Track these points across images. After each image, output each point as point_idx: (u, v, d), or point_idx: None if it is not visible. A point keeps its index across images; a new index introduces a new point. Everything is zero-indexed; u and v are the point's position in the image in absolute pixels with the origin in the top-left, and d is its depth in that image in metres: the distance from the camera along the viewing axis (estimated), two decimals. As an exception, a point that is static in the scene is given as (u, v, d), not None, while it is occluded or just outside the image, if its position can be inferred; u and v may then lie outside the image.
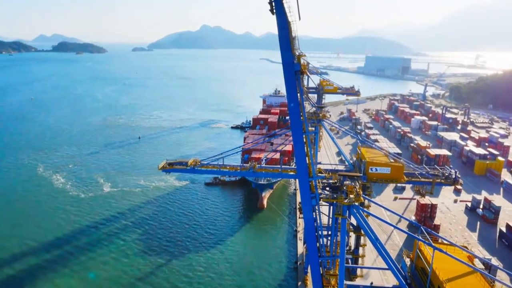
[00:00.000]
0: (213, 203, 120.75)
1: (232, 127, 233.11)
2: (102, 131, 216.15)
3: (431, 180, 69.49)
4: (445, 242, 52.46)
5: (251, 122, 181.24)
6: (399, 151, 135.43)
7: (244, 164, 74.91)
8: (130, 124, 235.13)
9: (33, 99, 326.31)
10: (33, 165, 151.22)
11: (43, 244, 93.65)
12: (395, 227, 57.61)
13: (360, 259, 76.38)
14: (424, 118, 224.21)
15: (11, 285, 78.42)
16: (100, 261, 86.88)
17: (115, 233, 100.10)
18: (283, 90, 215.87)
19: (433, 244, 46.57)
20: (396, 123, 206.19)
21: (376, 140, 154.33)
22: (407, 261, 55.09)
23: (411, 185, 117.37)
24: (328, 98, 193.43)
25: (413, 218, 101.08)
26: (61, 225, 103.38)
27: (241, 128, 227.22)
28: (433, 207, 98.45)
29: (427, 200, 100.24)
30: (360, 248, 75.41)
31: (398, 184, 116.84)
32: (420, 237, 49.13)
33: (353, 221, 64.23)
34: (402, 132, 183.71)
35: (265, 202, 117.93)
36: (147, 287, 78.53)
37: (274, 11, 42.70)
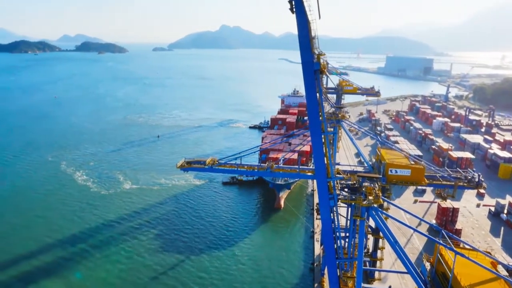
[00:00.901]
0: (230, 202, 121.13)
1: (250, 127, 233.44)
2: (122, 129, 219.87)
3: (453, 183, 67.72)
4: (467, 247, 51.07)
5: (269, 122, 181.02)
6: (420, 153, 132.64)
7: (262, 164, 74.75)
8: (150, 123, 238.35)
9: (56, 98, 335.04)
10: (56, 162, 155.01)
11: (62, 239, 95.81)
12: (415, 230, 56.50)
13: (378, 262, 75.16)
14: (447, 119, 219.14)
15: (28, 278, 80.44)
16: (116, 258, 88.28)
17: (133, 230, 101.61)
18: (302, 90, 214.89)
19: (454, 248, 45.38)
20: (417, 125, 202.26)
21: (396, 142, 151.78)
22: (427, 265, 53.86)
23: (432, 188, 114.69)
24: (347, 99, 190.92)
25: (433, 221, 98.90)
26: (80, 221, 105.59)
27: (259, 128, 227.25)
28: (455, 211, 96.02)
29: (448, 203, 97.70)
30: (379, 251, 74.14)
31: (419, 187, 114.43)
32: (441, 241, 47.93)
33: (372, 223, 63.33)
34: (423, 134, 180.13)
35: (282, 202, 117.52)
36: (161, 286, 79.25)
37: (294, 10, 42.33)
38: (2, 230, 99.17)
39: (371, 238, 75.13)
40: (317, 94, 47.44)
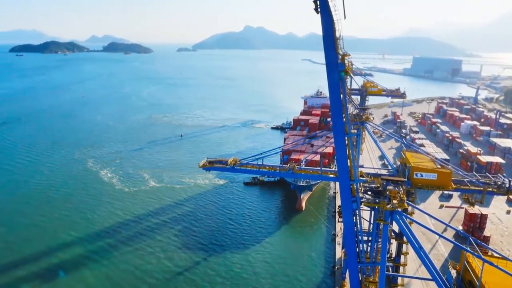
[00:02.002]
0: (251, 202, 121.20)
1: (272, 128, 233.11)
2: (147, 128, 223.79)
3: (481, 188, 65.36)
4: (496, 255, 49.24)
5: (292, 123, 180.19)
6: (447, 157, 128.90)
7: (284, 165, 74.38)
8: (173, 123, 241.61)
9: (84, 97, 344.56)
10: (83, 159, 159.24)
11: (82, 236, 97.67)
12: (440, 236, 54.84)
13: (401, 268, 73.37)
14: (475, 123, 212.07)
15: (44, 275, 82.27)
16: (137, 255, 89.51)
17: (154, 228, 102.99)
18: (325, 91, 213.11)
19: (482, 256, 43.78)
20: (444, 128, 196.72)
21: (422, 145, 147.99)
22: (453, 273, 52.17)
23: (459, 193, 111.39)
24: (371, 100, 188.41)
25: (460, 228, 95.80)
26: (101, 218, 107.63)
27: (281, 128, 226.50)
28: (483, 217, 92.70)
29: (476, 209, 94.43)
30: (402, 256, 72.36)
31: (445, 192, 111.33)
32: (468, 248, 46.34)
33: (395, 227, 61.91)
34: (450, 137, 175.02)
35: (303, 204, 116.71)
36: (180, 283, 79.89)
37: (319, 9, 41.88)
38: (24, 225, 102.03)
39: (394, 243, 73.46)
40: (341, 95, 46.80)
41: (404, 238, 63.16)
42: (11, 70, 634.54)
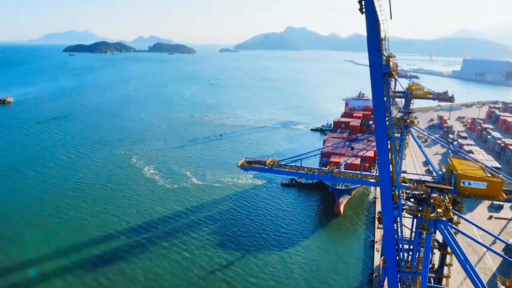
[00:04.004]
0: (288, 204, 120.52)
1: (312, 129, 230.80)
2: (187, 127, 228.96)
3: (537, 200, 60.92)
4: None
5: (332, 125, 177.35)
6: (498, 165, 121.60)
7: (322, 168, 73.24)
8: (214, 122, 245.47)
9: (129, 95, 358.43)
10: (127, 156, 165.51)
11: (126, 229, 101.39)
12: (488, 248, 51.82)
13: (444, 280, 70.01)
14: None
15: (94, 265, 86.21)
16: (173, 251, 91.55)
17: (191, 225, 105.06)
18: (367, 93, 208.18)
19: (536, 273, 40.76)
20: (496, 134, 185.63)
21: (470, 151, 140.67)
22: (502, 289, 49.08)
23: (510, 204, 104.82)
24: (417, 104, 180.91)
25: (511, 241, 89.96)
26: (144, 213, 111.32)
27: (321, 130, 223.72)
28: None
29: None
30: (445, 268, 69.08)
31: (495, 202, 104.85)
32: (520, 264, 43.33)
33: (439, 236, 59.15)
34: (502, 144, 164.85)
35: (341, 208, 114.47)
36: (214, 281, 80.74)
37: (364, 10, 40.81)
38: (70, 217, 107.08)
39: (437, 253, 70.28)
40: (385, 98, 45.35)
41: (448, 249, 60.24)
42: (63, 69, 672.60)
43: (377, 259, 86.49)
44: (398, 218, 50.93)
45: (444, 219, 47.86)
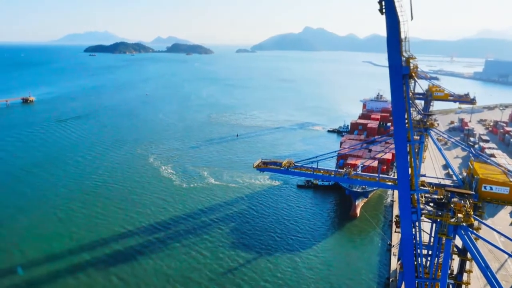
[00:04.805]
0: (304, 206, 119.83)
1: (328, 131, 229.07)
2: (204, 127, 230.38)
3: (562, 206, 58.92)
4: None
5: (349, 127, 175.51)
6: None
7: (339, 170, 72.48)
8: (230, 122, 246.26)
9: (147, 95, 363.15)
10: (145, 155, 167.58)
11: (139, 229, 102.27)
12: (510, 255, 50.15)
13: (463, 286, 68.30)
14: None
15: (105, 264, 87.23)
16: (184, 251, 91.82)
17: (204, 226, 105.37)
18: (386, 95, 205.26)
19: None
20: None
21: (492, 155, 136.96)
22: (525, 297, 47.52)
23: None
24: (436, 106, 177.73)
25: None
26: (158, 212, 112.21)
27: (338, 132, 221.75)
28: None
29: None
30: (465, 274, 67.33)
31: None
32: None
33: (458, 242, 57.73)
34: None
35: (358, 210, 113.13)
36: (224, 283, 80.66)
37: (384, 10, 40.14)
38: (84, 216, 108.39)
39: (456, 259, 68.60)
40: (404, 100, 44.51)
41: (468, 255, 58.69)
42: (84, 69, 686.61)
43: (394, 264, 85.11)
44: (417, 223, 49.92)
45: (464, 224, 46.64)
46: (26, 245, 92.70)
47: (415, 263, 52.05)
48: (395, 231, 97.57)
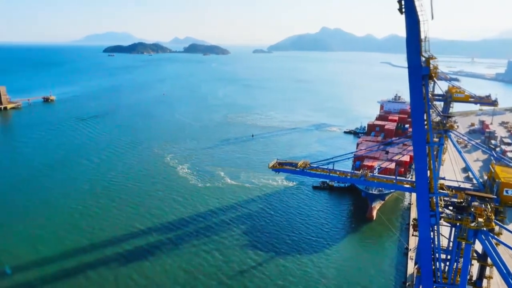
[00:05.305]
0: (319, 207, 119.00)
1: (345, 132, 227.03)
2: (221, 127, 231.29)
3: None
4: None
5: (366, 128, 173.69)
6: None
7: (355, 171, 71.67)
8: (246, 123, 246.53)
9: (164, 95, 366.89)
10: (161, 154, 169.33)
11: (151, 228, 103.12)
12: (534, 262, 48.62)
13: (483, 293, 66.61)
14: None
15: (116, 262, 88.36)
16: (195, 252, 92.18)
17: (221, 224, 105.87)
18: (404, 96, 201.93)
19: None
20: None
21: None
22: (548, 306, 45.92)
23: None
24: (456, 107, 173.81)
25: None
26: (171, 212, 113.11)
27: (355, 133, 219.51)
28: None
29: None
30: (485, 280, 65.68)
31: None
32: None
33: (478, 247, 56.34)
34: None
35: (374, 213, 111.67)
36: (241, 283, 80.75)
37: (403, 10, 39.43)
38: (98, 215, 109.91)
39: (476, 264, 66.97)
40: (424, 101, 43.63)
41: (489, 261, 57.22)
42: (103, 69, 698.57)
43: (411, 268, 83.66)
44: (435, 226, 48.91)
45: (485, 229, 45.44)
46: (37, 242, 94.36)
47: (433, 267, 50.99)
48: (413, 235, 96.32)
